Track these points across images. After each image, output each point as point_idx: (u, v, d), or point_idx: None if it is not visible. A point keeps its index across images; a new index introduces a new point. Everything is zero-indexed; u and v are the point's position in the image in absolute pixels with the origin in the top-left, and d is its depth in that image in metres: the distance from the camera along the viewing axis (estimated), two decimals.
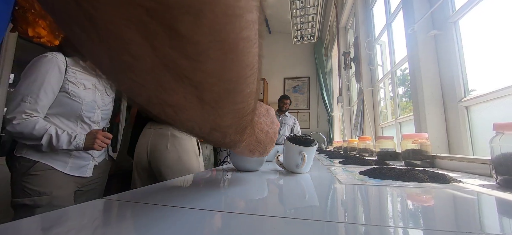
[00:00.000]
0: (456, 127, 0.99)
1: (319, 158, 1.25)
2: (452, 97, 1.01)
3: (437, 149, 1.04)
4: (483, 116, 0.91)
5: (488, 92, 0.84)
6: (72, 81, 0.94)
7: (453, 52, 1.02)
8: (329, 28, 4.02)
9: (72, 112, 0.95)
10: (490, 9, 0.91)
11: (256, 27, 0.17)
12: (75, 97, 0.94)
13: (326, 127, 4.30)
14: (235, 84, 0.20)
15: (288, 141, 0.69)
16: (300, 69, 4.78)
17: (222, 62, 0.16)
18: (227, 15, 0.14)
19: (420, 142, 0.86)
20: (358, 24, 2.18)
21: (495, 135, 0.49)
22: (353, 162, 0.93)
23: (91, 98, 0.99)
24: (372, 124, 1.99)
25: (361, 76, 2.08)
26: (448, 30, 1.04)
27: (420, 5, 1.14)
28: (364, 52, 2.08)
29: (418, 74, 1.12)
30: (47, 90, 0.88)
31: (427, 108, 1.09)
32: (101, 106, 1.03)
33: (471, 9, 0.94)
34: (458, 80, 0.99)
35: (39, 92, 0.87)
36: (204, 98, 0.19)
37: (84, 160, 0.99)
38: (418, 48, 1.12)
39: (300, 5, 2.70)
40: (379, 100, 1.98)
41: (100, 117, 1.04)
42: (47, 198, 0.87)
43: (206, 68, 0.16)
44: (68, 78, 0.94)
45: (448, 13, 1.04)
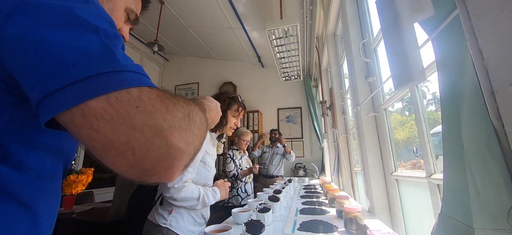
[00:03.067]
0: (391, 194, 1.23)
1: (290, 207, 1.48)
2: (387, 169, 1.26)
3: (379, 211, 1.27)
4: (407, 190, 1.15)
5: (404, 175, 1.09)
6: (208, 153, 1.16)
7: (385, 131, 1.28)
8: (315, 64, 4.35)
9: (204, 180, 1.15)
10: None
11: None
12: (208, 167, 1.16)
13: (319, 156, 4.51)
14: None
15: (244, 226, 0.94)
16: (292, 99, 5.07)
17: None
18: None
19: (355, 215, 1.10)
20: (332, 76, 2.48)
21: None
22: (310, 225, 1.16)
23: (213, 167, 1.20)
24: (347, 168, 2.22)
25: (336, 123, 2.34)
26: (381, 113, 1.31)
27: (363, 91, 1.42)
28: (337, 102, 2.36)
29: (363, 145, 1.38)
30: (198, 162, 1.10)
31: (371, 174, 1.33)
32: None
33: (393, 102, 1.21)
34: (390, 155, 1.25)
35: (196, 164, 1.07)
36: None
37: (200, 226, 1.18)
38: (362, 124, 1.39)
39: (281, 49, 2.98)
40: (352, 146, 2.23)
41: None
42: None
43: None
44: (207, 150, 1.15)
45: (380, 101, 1.31)
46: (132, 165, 0.25)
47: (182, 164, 0.28)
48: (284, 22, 2.29)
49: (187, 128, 0.28)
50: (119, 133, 0.24)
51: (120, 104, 0.24)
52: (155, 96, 0.27)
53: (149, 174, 0.27)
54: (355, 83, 1.44)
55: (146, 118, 0.25)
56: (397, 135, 1.48)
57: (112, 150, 0.24)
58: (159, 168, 0.27)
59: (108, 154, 0.25)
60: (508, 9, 0.31)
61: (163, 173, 0.27)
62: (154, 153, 0.26)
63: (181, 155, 0.27)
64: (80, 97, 0.23)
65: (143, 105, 0.25)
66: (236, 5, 3.33)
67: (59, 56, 0.23)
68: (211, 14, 3.67)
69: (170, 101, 0.28)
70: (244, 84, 5.33)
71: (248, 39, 4.20)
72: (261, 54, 4.81)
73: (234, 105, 1.30)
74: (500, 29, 0.34)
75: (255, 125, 4.80)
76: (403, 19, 0.57)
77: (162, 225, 1.08)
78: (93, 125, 0.23)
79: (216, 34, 4.35)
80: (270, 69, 5.17)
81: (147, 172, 0.26)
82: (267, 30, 2.39)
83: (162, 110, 0.26)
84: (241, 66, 5.44)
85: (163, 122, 0.26)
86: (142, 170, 0.26)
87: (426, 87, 1.35)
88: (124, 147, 0.24)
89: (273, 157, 3.81)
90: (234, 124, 1.31)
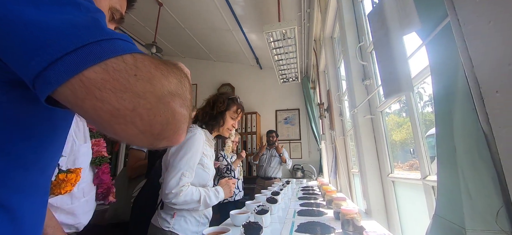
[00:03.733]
0: (388, 195, 1.25)
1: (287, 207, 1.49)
2: (383, 171, 1.28)
3: (376, 212, 1.29)
4: (402, 191, 1.17)
5: (400, 177, 1.10)
6: (205, 154, 1.16)
7: (381, 133, 1.30)
8: (313, 66, 4.38)
9: (202, 182, 1.15)
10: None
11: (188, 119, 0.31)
12: (206, 168, 1.16)
13: (317, 157, 4.53)
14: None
15: (242, 228, 0.95)
16: (290, 101, 5.09)
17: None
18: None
19: (352, 216, 1.11)
20: (329, 78, 2.50)
21: None
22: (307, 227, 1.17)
23: (212, 168, 1.20)
24: (345, 170, 2.24)
25: (333, 125, 2.36)
26: (377, 115, 1.33)
27: (360, 93, 1.44)
28: (335, 104, 2.38)
29: (360, 146, 1.40)
30: (196, 164, 1.10)
31: (368, 175, 1.35)
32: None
33: (389, 104, 1.23)
34: (386, 157, 1.26)
35: (194, 167, 1.08)
36: None
37: (204, 226, 1.18)
38: (359, 126, 1.41)
39: (279, 51, 3.00)
40: (350, 148, 2.25)
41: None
42: None
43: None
44: (204, 152, 1.15)
45: (377, 103, 1.33)
46: (142, 131, 0.26)
47: (186, 126, 0.30)
48: (282, 25, 2.31)
49: (183, 93, 0.30)
50: (124, 101, 0.25)
51: (119, 73, 0.25)
52: (149, 63, 0.27)
53: (160, 139, 0.28)
54: (352, 85, 1.46)
55: (147, 86, 0.26)
56: (394, 137, 1.50)
57: (120, 118, 0.25)
58: (168, 132, 0.28)
59: (116, 122, 0.25)
60: (495, 21, 0.33)
61: (172, 136, 0.29)
62: (161, 117, 0.27)
63: (185, 118, 0.29)
64: (77, 66, 0.23)
65: (140, 73, 0.26)
66: (234, 8, 3.35)
67: (49, 29, 0.23)
68: (209, 16, 3.68)
69: (164, 67, 0.29)
70: (243, 85, 5.34)
71: (246, 41, 4.22)
72: (259, 56, 4.83)
73: (233, 106, 1.29)
74: (487, 39, 0.35)
75: (253, 126, 4.81)
76: (393, 33, 0.59)
77: (166, 229, 1.08)
78: (97, 95, 0.24)
79: (215, 36, 4.36)
80: (268, 71, 5.19)
81: (158, 136, 0.28)
82: (265, 33, 2.41)
83: (159, 76, 0.27)
84: (239, 68, 5.45)
85: (163, 88, 0.27)
86: (152, 135, 0.27)
87: (423, 88, 1.38)
88: (132, 114, 0.25)
89: (271, 159, 3.82)
90: (231, 126, 1.30)
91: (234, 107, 1.29)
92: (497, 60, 0.34)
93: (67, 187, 0.47)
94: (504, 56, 0.32)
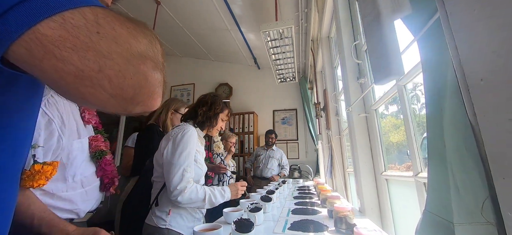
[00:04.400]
0: (382, 194, 1.25)
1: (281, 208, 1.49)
2: (377, 169, 1.28)
3: (370, 211, 1.28)
4: (396, 189, 1.17)
5: (393, 175, 1.10)
6: (198, 151, 1.18)
7: (375, 131, 1.30)
8: (310, 66, 4.39)
9: (196, 178, 1.15)
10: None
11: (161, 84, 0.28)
12: (199, 164, 1.17)
13: (314, 158, 4.53)
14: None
15: (233, 224, 0.94)
16: (288, 101, 5.09)
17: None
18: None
19: (344, 214, 1.11)
20: (326, 78, 2.51)
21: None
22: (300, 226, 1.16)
23: (204, 164, 1.21)
24: (341, 170, 2.24)
25: (329, 124, 2.36)
26: (371, 114, 1.33)
27: (354, 92, 1.44)
28: (331, 104, 2.38)
29: (355, 145, 1.39)
30: (192, 159, 1.11)
31: (362, 173, 1.35)
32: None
33: (383, 103, 1.23)
34: (380, 155, 1.26)
35: (192, 162, 1.09)
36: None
37: (199, 221, 1.18)
38: (353, 124, 1.41)
39: (276, 51, 3.00)
40: (346, 147, 2.25)
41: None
42: None
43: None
44: (197, 148, 1.17)
45: (371, 102, 1.33)
46: (113, 95, 0.24)
47: (161, 90, 0.29)
48: (279, 24, 2.31)
49: (155, 56, 0.28)
50: (88, 61, 0.23)
51: (78, 30, 0.22)
52: (113, 19, 0.25)
53: (134, 103, 0.26)
54: (347, 84, 1.46)
55: (112, 45, 0.24)
56: (392, 138, 1.50)
57: (85, 80, 0.23)
58: (142, 96, 0.26)
59: (82, 85, 0.23)
60: (479, 8, 0.33)
61: (147, 100, 0.27)
62: (133, 80, 0.25)
63: (159, 82, 0.28)
64: (29, 18, 0.21)
65: (103, 31, 0.24)
66: (232, 7, 3.35)
67: None
68: (207, 15, 3.68)
69: (131, 25, 0.26)
70: (240, 85, 5.33)
71: (244, 41, 4.22)
72: (257, 56, 4.83)
73: (226, 110, 1.35)
74: (472, 28, 0.35)
75: (250, 126, 4.81)
76: (384, 17, 0.59)
77: (162, 227, 1.08)
78: (56, 54, 0.22)
79: (213, 35, 4.36)
80: (266, 71, 5.19)
81: (131, 101, 0.26)
82: (262, 32, 2.41)
83: (126, 35, 0.25)
84: (237, 68, 5.45)
85: (131, 49, 0.25)
86: (125, 100, 0.25)
87: (420, 91, 1.38)
88: (99, 76, 0.23)
89: (268, 160, 3.81)
90: (220, 128, 1.36)
91: (227, 110, 1.35)
92: (482, 48, 0.33)
93: (41, 181, 0.45)
94: (488, 44, 0.32)
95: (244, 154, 4.73)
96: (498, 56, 0.30)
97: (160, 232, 1.08)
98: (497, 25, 0.30)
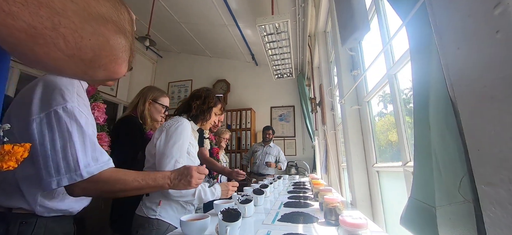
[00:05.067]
0: (373, 186, 1.24)
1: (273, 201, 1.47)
2: (369, 161, 1.26)
3: (361, 203, 1.27)
4: (386, 181, 1.16)
5: (383, 166, 1.09)
6: (191, 143, 1.18)
7: (368, 123, 1.29)
8: (308, 62, 4.37)
9: None
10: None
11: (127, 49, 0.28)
12: (192, 157, 1.17)
13: (311, 154, 4.52)
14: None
15: (220, 214, 0.93)
16: (285, 98, 5.08)
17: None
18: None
19: (334, 205, 1.10)
20: (321, 72, 2.49)
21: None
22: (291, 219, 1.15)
23: (197, 157, 1.22)
24: (335, 164, 2.23)
25: (325, 119, 2.34)
26: (364, 106, 1.31)
27: (348, 84, 1.42)
28: (326, 99, 2.37)
29: (347, 137, 1.38)
30: (185, 152, 1.11)
31: (354, 166, 1.33)
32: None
33: (375, 94, 1.22)
34: (372, 147, 1.25)
35: (185, 154, 1.09)
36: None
37: (190, 213, 1.18)
38: (346, 116, 1.39)
39: (272, 45, 2.98)
40: (340, 142, 2.24)
41: None
42: None
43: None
44: (190, 141, 1.17)
45: (364, 94, 1.32)
46: (69, 55, 0.23)
47: (127, 57, 0.27)
48: (274, 18, 2.29)
49: (119, 20, 0.27)
50: (40, 18, 0.22)
51: None
52: None
53: (94, 67, 0.25)
54: (340, 76, 1.45)
55: (67, 2, 0.23)
56: (390, 137, 1.49)
57: (39, 38, 0.22)
58: (103, 59, 0.25)
59: (36, 43, 0.22)
60: None
61: (109, 65, 0.26)
62: (91, 41, 0.24)
63: (123, 47, 0.26)
64: None
65: None
66: (229, 2, 3.33)
67: None
68: (204, 10, 3.65)
69: None
70: (238, 82, 5.31)
71: (242, 37, 4.19)
72: (255, 52, 4.81)
73: (219, 104, 1.36)
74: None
75: (247, 123, 4.79)
76: None
77: (152, 217, 1.08)
78: (4, 8, 0.21)
79: (210, 31, 4.33)
80: (264, 67, 5.17)
81: (91, 63, 0.25)
82: (258, 26, 2.39)
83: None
84: (235, 64, 5.42)
85: (89, 8, 0.24)
86: (83, 61, 0.24)
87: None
88: (52, 34, 0.22)
89: (265, 157, 3.80)
90: (213, 122, 1.36)
91: (219, 105, 1.36)
92: (459, 16, 0.32)
93: (10, 162, 0.44)
94: (464, 9, 0.30)
95: (241, 151, 4.72)
96: (474, 20, 0.28)
97: (150, 222, 1.08)
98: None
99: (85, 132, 0.71)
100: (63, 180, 0.65)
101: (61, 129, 0.67)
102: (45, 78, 0.73)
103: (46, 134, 0.66)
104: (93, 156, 0.71)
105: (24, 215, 0.72)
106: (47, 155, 0.65)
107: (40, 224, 0.74)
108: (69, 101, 0.70)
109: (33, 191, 0.73)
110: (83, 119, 0.72)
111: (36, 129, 0.66)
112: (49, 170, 0.65)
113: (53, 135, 0.66)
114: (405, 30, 0.75)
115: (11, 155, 0.51)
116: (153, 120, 1.61)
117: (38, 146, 0.65)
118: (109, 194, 0.79)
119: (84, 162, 0.68)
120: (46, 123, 0.66)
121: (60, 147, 0.66)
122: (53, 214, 0.78)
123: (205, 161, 2.12)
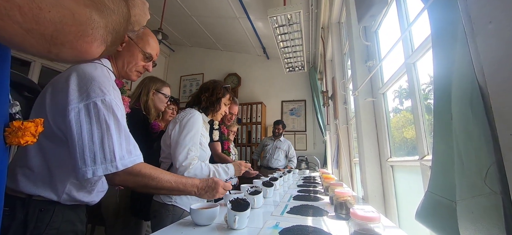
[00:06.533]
0: (386, 181, 1.19)
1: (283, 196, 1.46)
2: (383, 156, 1.21)
3: (373, 198, 1.23)
4: (401, 176, 1.11)
5: (399, 160, 1.04)
6: (203, 134, 1.24)
7: (382, 117, 1.23)
8: (320, 56, 4.26)
9: (201, 160, 1.21)
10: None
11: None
12: (204, 147, 1.23)
13: (322, 149, 4.45)
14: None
15: (229, 203, 0.93)
16: (297, 92, 5.01)
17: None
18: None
19: (345, 199, 1.07)
20: (334, 65, 2.41)
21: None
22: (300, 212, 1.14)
23: (208, 148, 1.28)
24: (347, 159, 2.18)
25: (337, 113, 2.28)
26: (379, 98, 1.26)
27: (362, 75, 1.37)
28: (339, 92, 2.30)
29: (360, 130, 1.33)
30: (198, 141, 1.18)
31: (367, 160, 1.29)
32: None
33: (391, 85, 1.16)
34: (386, 141, 1.20)
35: (197, 143, 1.16)
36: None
37: (204, 201, 1.24)
38: (360, 109, 1.34)
39: (284, 38, 2.92)
40: (352, 137, 2.17)
41: None
42: None
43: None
44: (202, 132, 1.23)
45: (379, 85, 1.26)
46: (27, 29, 0.21)
47: (99, 34, 0.25)
48: (286, 9, 2.24)
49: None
50: None
51: None
52: None
53: (57, 43, 0.23)
54: (354, 67, 1.39)
55: None
56: (405, 134, 1.43)
57: None
58: (68, 35, 0.23)
59: None
60: None
61: (75, 41, 0.23)
62: (52, 14, 0.22)
63: (93, 23, 0.24)
64: None
65: None
66: None
67: None
68: (215, 2, 3.64)
69: None
70: (249, 75, 5.29)
71: (253, 29, 4.15)
72: (266, 45, 4.75)
73: (227, 94, 1.39)
74: None
75: (258, 117, 4.78)
76: None
77: (168, 203, 1.15)
78: None
79: (221, 24, 4.32)
80: (275, 61, 5.10)
81: (53, 40, 0.22)
82: (269, 17, 2.34)
83: None
84: (246, 58, 5.40)
85: None
86: (44, 37, 0.22)
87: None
88: (6, 4, 0.20)
89: (275, 151, 3.78)
90: (224, 112, 1.39)
91: (228, 95, 1.39)
92: None
93: (26, 137, 0.45)
94: None
95: (251, 144, 4.73)
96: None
97: (166, 208, 1.15)
98: None
99: (121, 125, 0.73)
100: (99, 170, 0.67)
101: (99, 121, 0.69)
102: (77, 68, 0.74)
103: (84, 125, 0.68)
104: (127, 149, 0.73)
105: (43, 202, 0.74)
106: (85, 145, 0.67)
107: (58, 212, 0.76)
108: (107, 93, 0.72)
109: (65, 179, 0.75)
110: (120, 112, 0.73)
111: (74, 118, 0.67)
112: (86, 159, 0.67)
113: (92, 126, 0.68)
114: (427, 13, 0.70)
115: (24, 130, 0.53)
116: (157, 110, 1.63)
117: (75, 135, 0.67)
118: (144, 188, 0.82)
119: (119, 154, 0.70)
120: (85, 114, 0.68)
121: (97, 138, 0.68)
122: (72, 203, 0.80)
123: (216, 157, 2.15)
